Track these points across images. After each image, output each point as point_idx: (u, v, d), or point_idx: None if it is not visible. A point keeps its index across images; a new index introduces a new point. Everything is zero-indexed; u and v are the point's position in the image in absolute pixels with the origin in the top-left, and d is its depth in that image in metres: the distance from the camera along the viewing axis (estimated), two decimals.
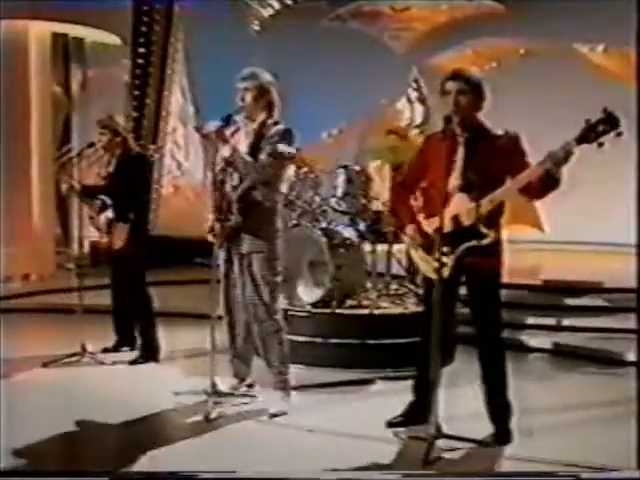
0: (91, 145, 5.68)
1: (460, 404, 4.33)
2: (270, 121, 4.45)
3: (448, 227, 3.89)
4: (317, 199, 6.16)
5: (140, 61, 10.13)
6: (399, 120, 7.92)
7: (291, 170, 5.97)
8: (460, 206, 3.90)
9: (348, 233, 6.04)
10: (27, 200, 8.74)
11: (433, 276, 3.85)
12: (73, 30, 9.25)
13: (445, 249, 3.86)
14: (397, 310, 5.85)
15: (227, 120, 4.32)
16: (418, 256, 4.14)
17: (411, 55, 10.31)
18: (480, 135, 3.99)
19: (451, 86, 3.96)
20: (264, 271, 4.43)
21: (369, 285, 6.13)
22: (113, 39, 9.47)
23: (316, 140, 10.62)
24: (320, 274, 5.76)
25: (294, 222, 6.06)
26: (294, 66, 9.78)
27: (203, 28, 10.09)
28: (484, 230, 3.84)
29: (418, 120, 7.76)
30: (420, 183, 4.14)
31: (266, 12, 10.79)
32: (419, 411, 4.11)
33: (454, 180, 3.93)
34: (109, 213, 5.61)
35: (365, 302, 5.91)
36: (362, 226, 6.19)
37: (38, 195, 8.85)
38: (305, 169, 6.19)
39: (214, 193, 4.44)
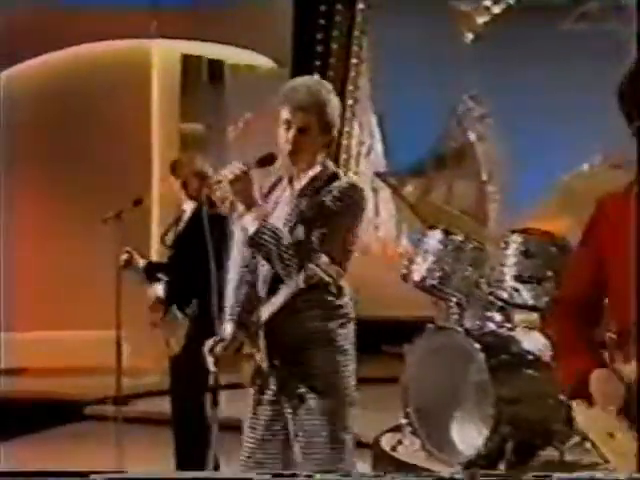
0: (138, 202, 4.43)
1: None
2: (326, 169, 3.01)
3: None
4: (482, 283, 4.34)
5: None
6: None
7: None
8: None
9: (530, 342, 4.31)
10: None
11: None
12: (209, 51, 7.71)
13: None
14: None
15: None
16: (608, 446, 2.15)
17: None
18: None
19: None
20: None
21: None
22: (264, 61, 7.84)
23: (564, 176, 8.42)
24: (485, 409, 4.07)
25: (441, 323, 4.38)
26: (522, 86, 8.22)
27: (395, 43, 8.26)
28: None
29: None
30: (601, 296, 2.27)
31: (481, 18, 8.45)
32: None
33: None
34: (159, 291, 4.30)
35: (568, 457, 4.05)
36: None
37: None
38: (459, 236, 4.32)
39: None
